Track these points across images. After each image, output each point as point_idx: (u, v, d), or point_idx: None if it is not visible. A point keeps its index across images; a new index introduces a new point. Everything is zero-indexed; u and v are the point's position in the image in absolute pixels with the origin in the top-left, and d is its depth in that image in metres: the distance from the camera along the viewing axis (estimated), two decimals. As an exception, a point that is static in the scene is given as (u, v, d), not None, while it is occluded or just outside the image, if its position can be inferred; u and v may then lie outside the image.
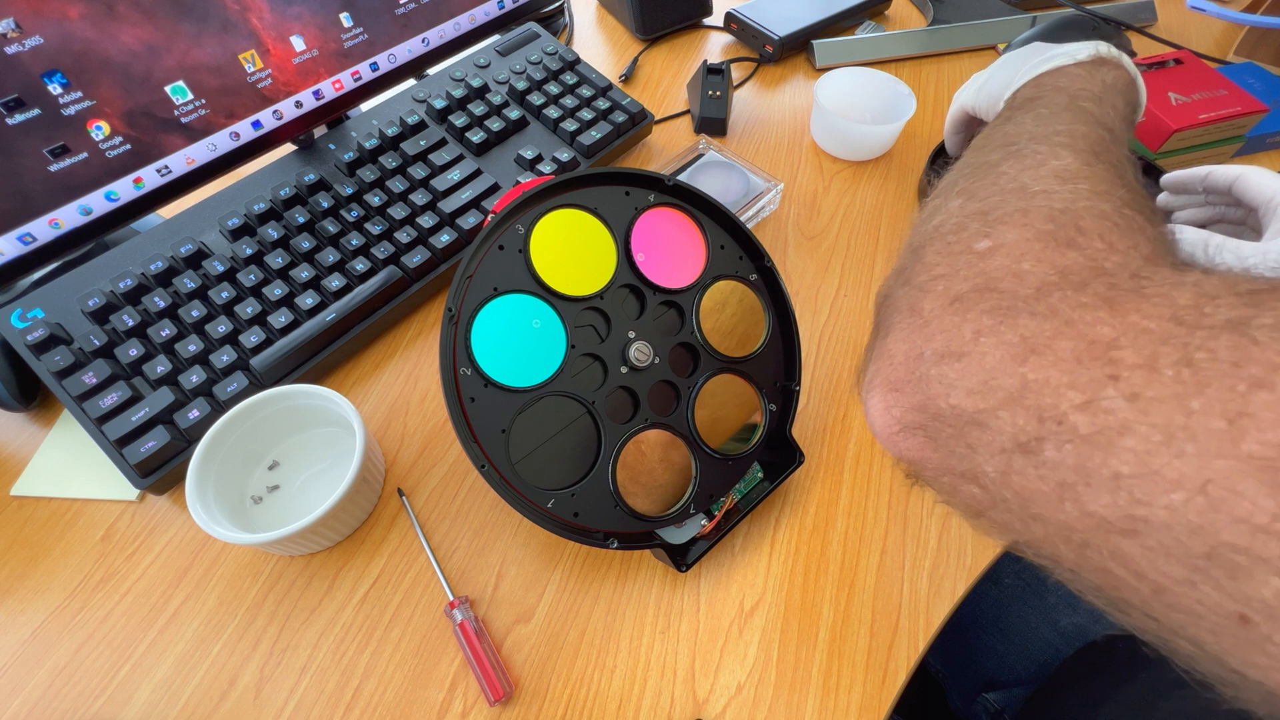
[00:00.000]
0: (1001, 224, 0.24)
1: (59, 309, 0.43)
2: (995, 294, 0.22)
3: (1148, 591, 0.17)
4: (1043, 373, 0.19)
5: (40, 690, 0.35)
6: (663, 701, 0.34)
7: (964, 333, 0.21)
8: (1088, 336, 0.19)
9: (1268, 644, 0.15)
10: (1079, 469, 0.18)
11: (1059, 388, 0.18)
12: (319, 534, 0.37)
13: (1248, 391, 0.15)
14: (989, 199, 0.25)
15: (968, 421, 0.21)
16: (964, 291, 0.22)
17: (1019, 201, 0.24)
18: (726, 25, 0.73)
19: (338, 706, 0.35)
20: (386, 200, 0.51)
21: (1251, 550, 0.15)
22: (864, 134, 0.58)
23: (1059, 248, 0.22)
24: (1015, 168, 0.26)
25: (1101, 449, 0.17)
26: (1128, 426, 0.17)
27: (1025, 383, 0.19)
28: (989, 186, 0.26)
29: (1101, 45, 0.36)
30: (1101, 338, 0.18)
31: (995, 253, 0.23)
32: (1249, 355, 0.15)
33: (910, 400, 0.23)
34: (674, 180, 0.40)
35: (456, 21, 0.57)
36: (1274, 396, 0.15)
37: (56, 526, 0.41)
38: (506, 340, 0.35)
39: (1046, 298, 0.20)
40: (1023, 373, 0.19)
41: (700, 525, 0.38)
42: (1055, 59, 0.36)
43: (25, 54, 0.38)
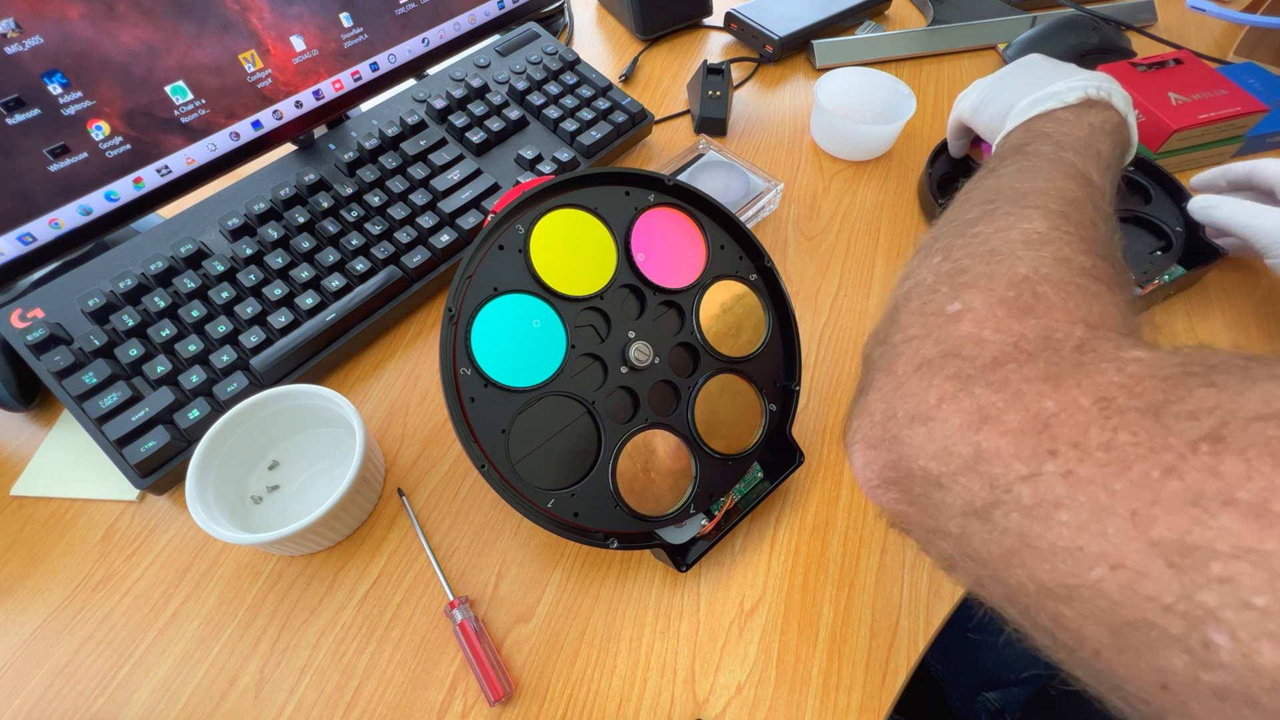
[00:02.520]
0: (970, 289, 0.25)
1: (59, 309, 0.43)
2: (958, 360, 0.23)
3: (1088, 653, 0.18)
4: (994, 442, 0.20)
5: (40, 690, 0.35)
6: (663, 701, 0.34)
7: (930, 397, 0.23)
8: (1033, 410, 0.20)
9: (1187, 712, 0.16)
10: (1023, 537, 0.19)
11: (1007, 459, 0.20)
12: (319, 534, 0.37)
13: (1160, 479, 0.17)
14: (961, 260, 0.27)
15: (932, 483, 0.22)
16: (932, 356, 0.24)
17: (987, 266, 0.26)
18: (726, 25, 0.73)
19: (338, 706, 0.35)
20: (386, 200, 0.51)
21: (1160, 626, 0.16)
22: (864, 134, 0.58)
23: (1018, 315, 0.23)
24: (989, 228, 0.28)
25: (1041, 521, 0.19)
26: (1061, 502, 0.18)
27: (979, 451, 0.21)
28: (963, 247, 0.28)
29: (1091, 86, 0.38)
30: (1045, 411, 0.20)
31: (962, 318, 0.24)
32: (1164, 442, 0.17)
33: (886, 458, 0.24)
34: (674, 180, 0.40)
35: (456, 21, 0.57)
36: (1182, 485, 0.16)
37: (56, 526, 0.41)
38: (506, 340, 0.35)
39: (1001, 368, 0.22)
40: (977, 441, 0.21)
41: (700, 525, 0.38)
42: (1046, 102, 0.38)
43: (25, 54, 0.38)
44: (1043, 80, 0.41)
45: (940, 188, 0.55)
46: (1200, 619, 0.15)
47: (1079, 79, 0.39)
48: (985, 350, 0.23)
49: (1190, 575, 0.15)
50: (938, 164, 0.56)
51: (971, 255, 0.27)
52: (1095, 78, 0.39)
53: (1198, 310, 0.48)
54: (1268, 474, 0.15)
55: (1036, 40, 0.66)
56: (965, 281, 0.26)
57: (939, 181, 0.55)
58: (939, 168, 0.56)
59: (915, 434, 0.23)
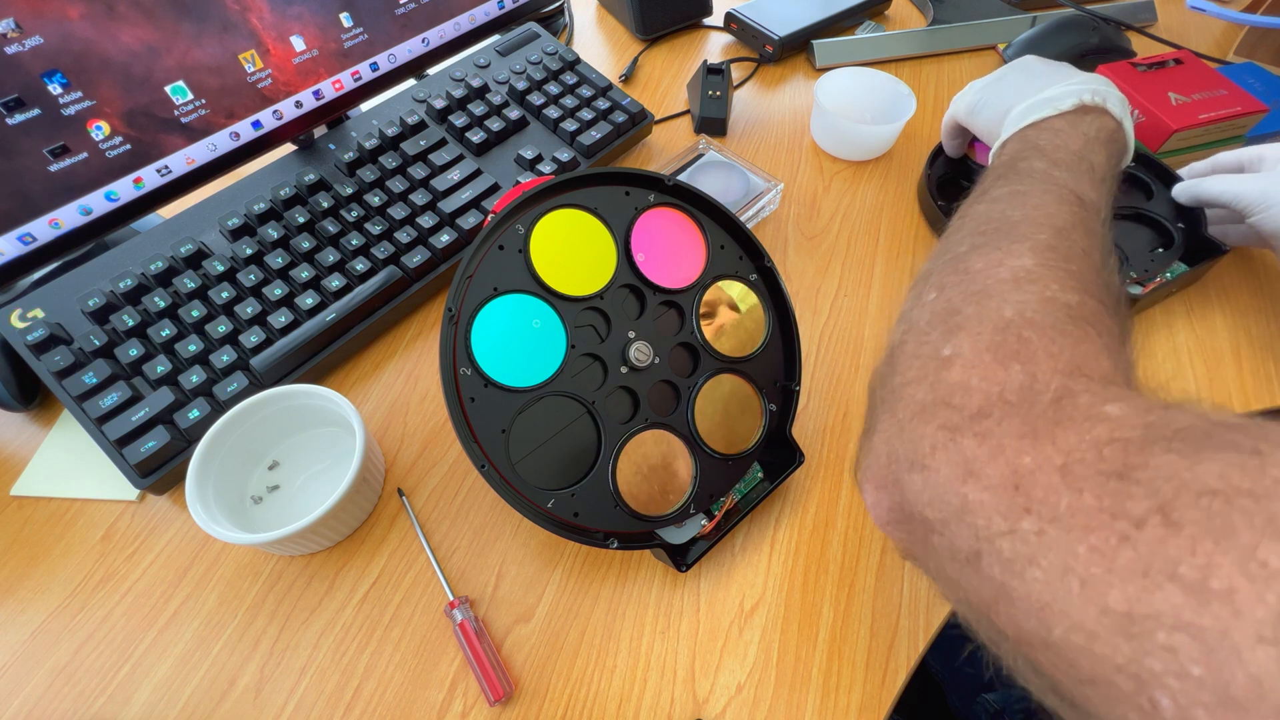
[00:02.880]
0: (959, 332, 0.26)
1: (59, 309, 0.43)
2: (948, 409, 0.24)
3: (1065, 698, 0.20)
4: (978, 495, 0.22)
5: (40, 690, 0.35)
6: (663, 701, 0.34)
7: (924, 445, 0.24)
8: (1012, 465, 0.21)
9: None
10: (1003, 588, 0.21)
11: (989, 513, 0.21)
12: (319, 534, 0.37)
13: (1116, 547, 0.18)
14: (953, 299, 0.28)
15: (930, 528, 0.23)
16: (927, 403, 0.25)
17: (976, 307, 0.27)
18: (726, 25, 0.73)
19: (338, 706, 0.35)
20: (386, 200, 0.51)
21: (1115, 684, 0.17)
22: (864, 134, 0.58)
23: (1003, 361, 0.24)
24: (979, 263, 0.29)
25: (1017, 576, 0.20)
26: (1034, 559, 0.20)
27: (966, 503, 0.22)
28: (955, 285, 0.29)
29: (1085, 91, 0.38)
30: (1022, 468, 0.21)
31: (953, 364, 0.25)
32: (1122, 509, 0.18)
33: (891, 499, 0.25)
34: (674, 180, 0.40)
35: (456, 21, 0.57)
36: (1134, 555, 0.17)
37: (56, 526, 0.41)
38: (506, 340, 0.35)
39: (985, 419, 0.23)
40: (964, 493, 0.22)
41: (700, 525, 0.38)
42: (1040, 109, 0.38)
43: (25, 54, 0.38)
44: (1038, 84, 0.40)
45: (940, 188, 0.55)
46: (1147, 681, 0.17)
47: (1073, 83, 0.39)
48: (972, 400, 0.24)
49: (1139, 642, 0.17)
50: (936, 164, 0.56)
51: (962, 294, 0.28)
52: (1090, 81, 0.39)
53: (1198, 309, 0.48)
54: (1208, 551, 0.16)
55: (1036, 40, 0.66)
56: (956, 324, 0.27)
57: (938, 183, 0.55)
58: (938, 169, 0.56)
59: (914, 480, 0.24)
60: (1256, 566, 0.16)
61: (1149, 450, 0.19)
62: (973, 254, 0.30)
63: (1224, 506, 0.17)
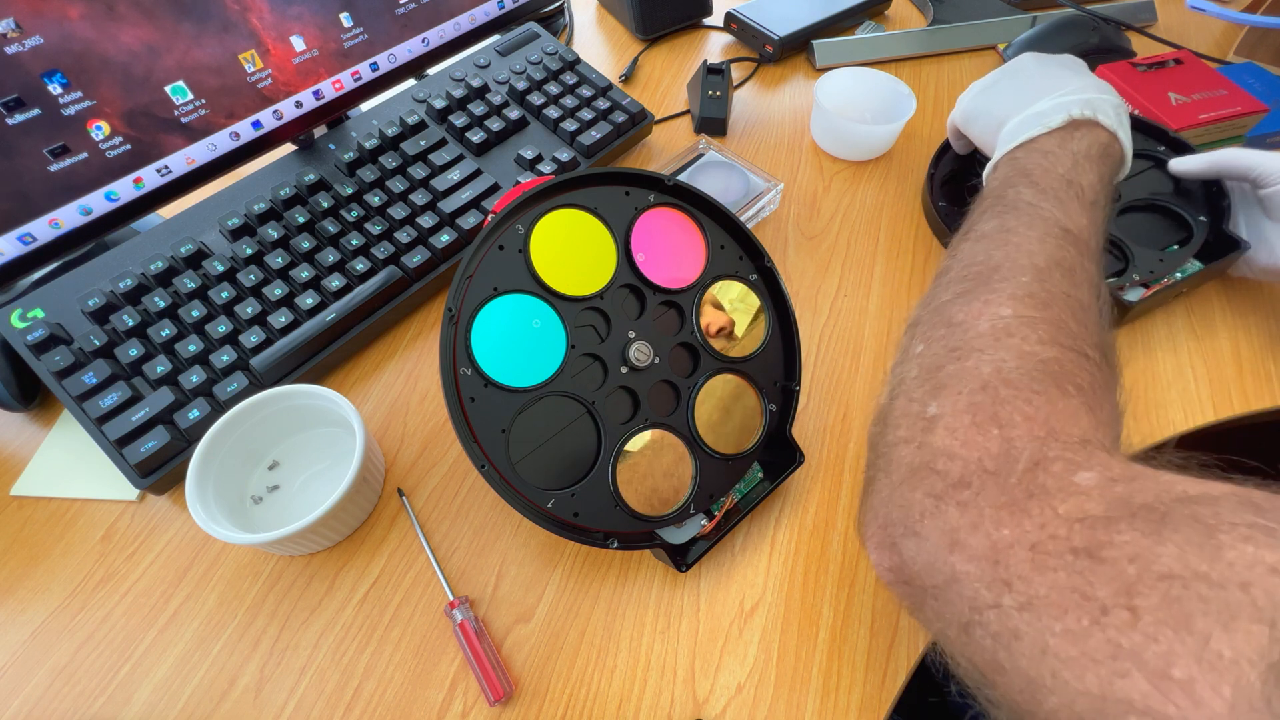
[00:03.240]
0: (942, 391, 0.27)
1: (59, 309, 0.43)
2: (933, 475, 0.25)
3: None
4: (965, 566, 0.22)
5: (40, 690, 0.35)
6: (663, 701, 0.34)
7: (914, 511, 0.25)
8: (992, 538, 0.22)
9: None
10: (995, 657, 0.21)
11: (976, 585, 0.22)
12: (319, 534, 0.37)
13: (1087, 629, 0.19)
14: (938, 353, 0.29)
15: (927, 593, 0.24)
16: (916, 465, 0.26)
17: (957, 364, 0.28)
18: (726, 25, 0.73)
19: (338, 706, 0.35)
20: (386, 200, 0.51)
21: None
22: (864, 134, 0.58)
23: (981, 425, 0.25)
24: (961, 314, 0.30)
25: (1005, 648, 0.21)
26: (1019, 634, 0.20)
27: (955, 573, 0.23)
28: (940, 339, 0.29)
29: (1075, 105, 0.38)
30: (1001, 541, 0.22)
31: (937, 425, 0.26)
32: (1092, 591, 0.19)
33: (891, 560, 0.26)
34: (674, 180, 0.40)
35: (456, 21, 0.57)
36: (1104, 638, 0.18)
37: (56, 526, 0.41)
38: (506, 340, 0.35)
39: (966, 488, 0.24)
40: (953, 563, 0.23)
41: (700, 525, 0.38)
42: (1029, 128, 0.38)
43: (25, 54, 0.38)
44: (1030, 93, 0.40)
45: (944, 188, 0.55)
46: None
47: (1064, 94, 0.39)
48: (954, 467, 0.24)
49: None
50: (942, 163, 0.56)
51: (945, 349, 0.29)
52: (1083, 89, 0.39)
53: (1198, 310, 0.48)
54: (1168, 639, 0.17)
55: (1036, 40, 0.66)
56: (939, 382, 0.27)
57: (943, 182, 0.55)
58: (943, 166, 0.56)
59: (909, 545, 0.25)
60: (1213, 657, 0.16)
61: (1114, 526, 0.20)
62: (956, 303, 0.30)
63: (1182, 592, 0.17)
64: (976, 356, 0.27)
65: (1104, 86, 0.40)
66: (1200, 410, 0.43)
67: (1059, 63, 0.43)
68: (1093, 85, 0.40)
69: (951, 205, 0.53)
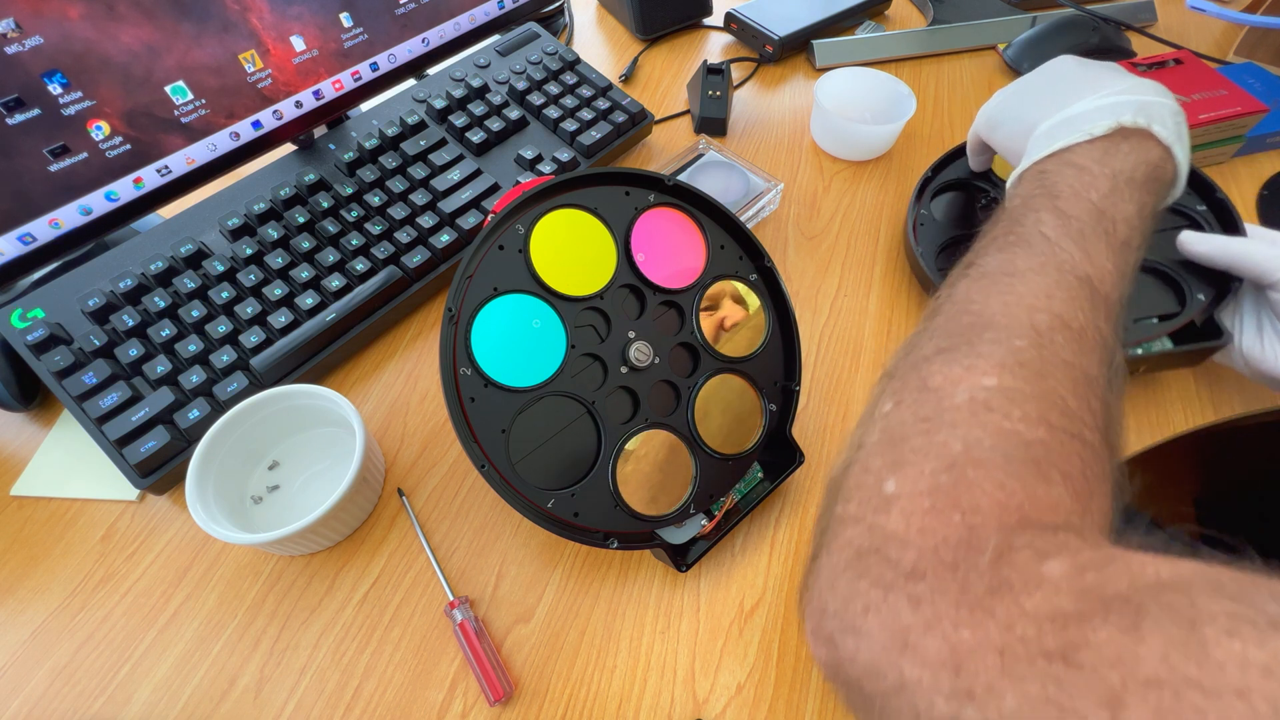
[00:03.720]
0: (904, 468, 0.23)
1: (59, 309, 0.43)
2: (883, 563, 0.22)
3: None
4: (916, 672, 0.20)
5: (40, 690, 0.35)
6: (663, 701, 0.34)
7: (856, 604, 0.22)
8: (950, 640, 0.19)
9: None
10: None
11: (930, 694, 0.19)
12: (319, 534, 0.37)
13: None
14: (905, 421, 0.25)
15: (868, 699, 0.21)
16: (863, 548, 0.23)
17: (924, 438, 0.24)
18: (726, 25, 0.73)
19: (338, 706, 0.35)
20: (386, 200, 0.51)
21: None
22: (864, 134, 0.58)
23: (943, 511, 0.22)
24: (939, 378, 0.25)
25: None
26: None
27: (903, 679, 0.20)
28: (910, 403, 0.25)
29: (1126, 108, 0.31)
30: (961, 645, 0.19)
31: (893, 506, 0.23)
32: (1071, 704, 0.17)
33: (828, 656, 0.23)
34: (674, 180, 0.40)
35: (456, 21, 0.57)
36: None
37: (56, 526, 0.41)
38: (506, 340, 0.35)
39: (920, 580, 0.21)
40: (900, 666, 0.20)
41: (700, 525, 0.38)
42: (1067, 133, 0.32)
43: (25, 54, 0.38)
44: (1068, 93, 0.34)
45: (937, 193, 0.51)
46: None
47: (1111, 94, 0.32)
48: (907, 555, 0.22)
49: None
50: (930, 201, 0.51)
51: (916, 417, 0.25)
52: (1135, 89, 0.32)
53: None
54: None
55: (1036, 40, 0.66)
56: (901, 457, 0.24)
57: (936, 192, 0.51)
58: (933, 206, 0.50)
59: (847, 643, 0.22)
60: None
61: (1089, 623, 0.18)
62: (936, 361, 0.26)
63: (1174, 703, 0.16)
64: (948, 432, 0.23)
65: (1159, 88, 0.33)
66: (1200, 411, 0.43)
67: (1101, 66, 0.37)
68: (1148, 85, 0.33)
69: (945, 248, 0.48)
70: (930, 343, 0.27)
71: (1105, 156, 0.31)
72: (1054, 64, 0.38)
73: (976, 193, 0.51)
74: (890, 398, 0.27)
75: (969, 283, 0.29)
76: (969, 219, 0.50)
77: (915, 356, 0.27)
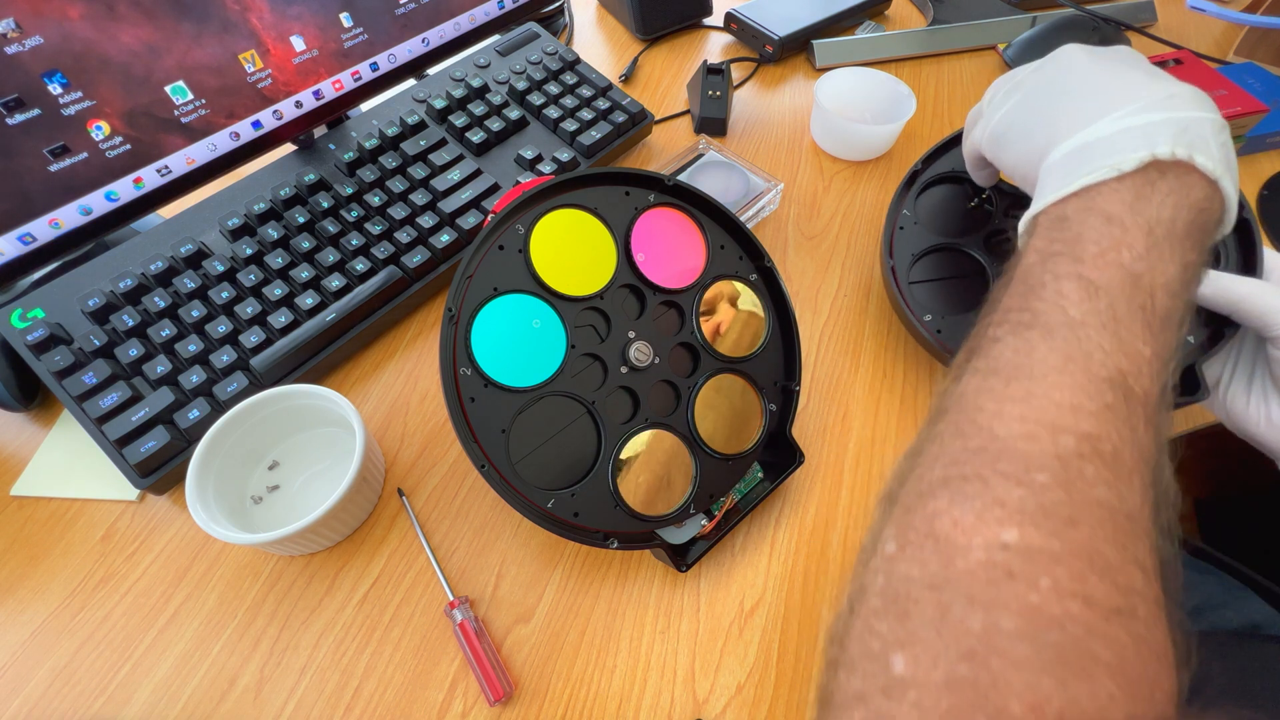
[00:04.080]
0: (914, 640, 0.19)
1: (59, 309, 0.43)
2: None
3: None
4: None
5: (40, 690, 0.35)
6: (663, 701, 0.34)
7: None
8: None
9: None
10: None
11: None
12: (319, 534, 0.37)
13: None
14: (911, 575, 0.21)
15: None
16: None
17: (935, 607, 0.19)
18: (726, 25, 0.73)
19: (338, 706, 0.35)
20: (386, 200, 0.51)
21: None
22: (864, 134, 0.58)
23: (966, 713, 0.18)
24: (946, 521, 0.21)
25: None
26: None
27: None
28: (915, 551, 0.21)
29: (1161, 140, 0.25)
30: None
31: (904, 693, 0.19)
32: None
33: None
34: (674, 180, 0.40)
35: (456, 21, 0.57)
36: None
37: (56, 526, 0.41)
38: (506, 340, 0.35)
39: None
40: None
41: (700, 525, 0.38)
42: (1090, 169, 0.26)
43: (25, 54, 0.38)
44: (1085, 106, 0.28)
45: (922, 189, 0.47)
46: None
47: (1141, 110, 0.26)
48: None
49: None
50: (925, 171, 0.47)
51: (923, 572, 0.20)
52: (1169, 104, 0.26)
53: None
54: None
55: (1037, 40, 0.66)
56: (910, 630, 0.20)
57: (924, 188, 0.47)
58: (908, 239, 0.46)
59: None
60: None
61: None
62: (943, 495, 0.22)
63: None
64: (963, 606, 0.19)
65: (1196, 95, 0.27)
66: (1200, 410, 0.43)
67: (1120, 58, 0.30)
68: (1185, 95, 0.27)
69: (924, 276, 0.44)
70: (936, 466, 0.23)
71: (1138, 202, 0.25)
72: (1062, 58, 0.32)
73: (971, 189, 0.46)
74: (893, 537, 0.22)
75: (979, 380, 0.24)
76: (959, 222, 0.46)
77: (920, 483, 0.23)
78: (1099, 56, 0.31)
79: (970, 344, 0.26)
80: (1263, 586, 0.42)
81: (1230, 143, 0.27)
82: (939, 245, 0.45)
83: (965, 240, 0.45)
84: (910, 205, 0.47)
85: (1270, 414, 0.34)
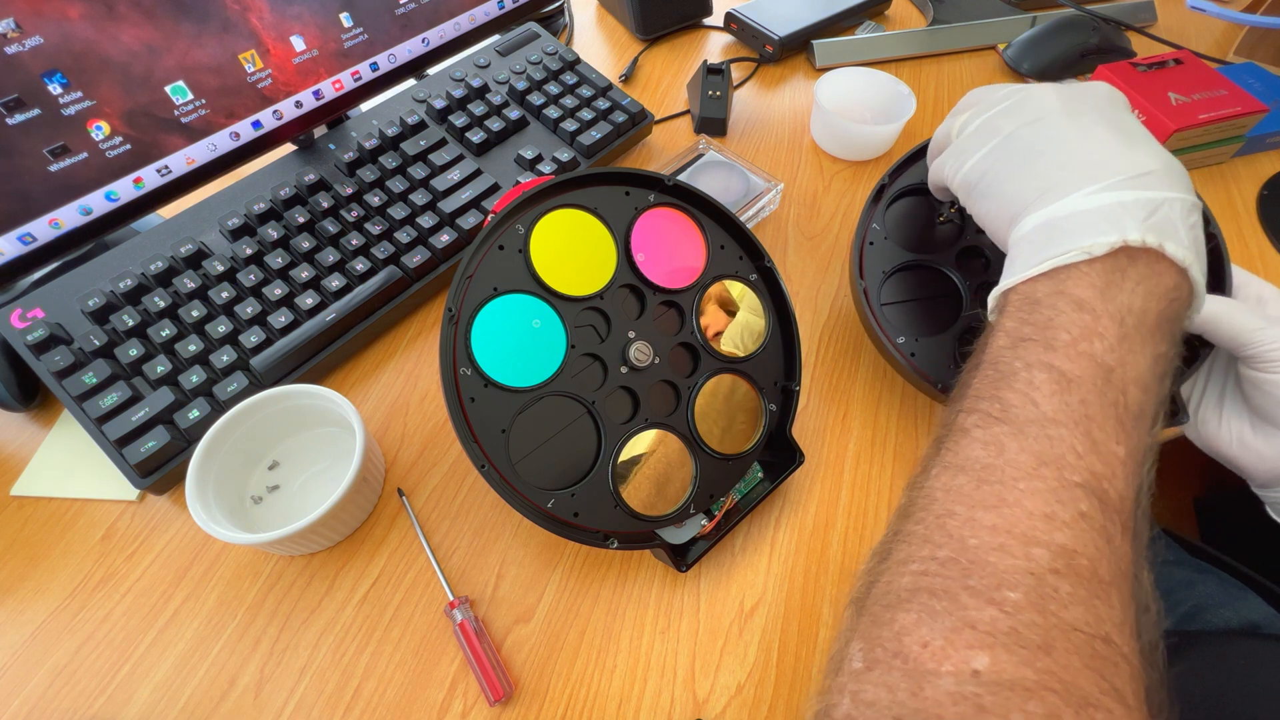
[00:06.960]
0: None
1: (59, 309, 0.43)
2: None
3: None
4: None
5: (40, 690, 0.35)
6: (663, 701, 0.34)
7: None
8: None
9: None
10: None
11: None
12: (319, 534, 0.37)
13: None
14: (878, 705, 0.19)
15: None
16: None
17: None
18: (726, 25, 0.73)
19: (338, 706, 0.35)
20: (386, 200, 0.51)
21: None
22: (864, 134, 0.58)
23: None
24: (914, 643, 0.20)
25: None
26: None
27: None
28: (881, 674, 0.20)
29: (1131, 225, 0.25)
30: None
31: None
32: None
33: None
34: (674, 180, 0.40)
35: (456, 21, 0.57)
36: None
37: (56, 526, 0.41)
38: (506, 340, 0.35)
39: None
40: None
41: (700, 525, 0.38)
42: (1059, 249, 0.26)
43: (25, 54, 0.38)
44: (1056, 173, 0.28)
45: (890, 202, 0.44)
46: None
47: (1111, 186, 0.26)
48: None
49: None
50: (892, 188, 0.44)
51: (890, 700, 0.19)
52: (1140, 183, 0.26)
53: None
54: None
55: (1036, 40, 0.66)
56: None
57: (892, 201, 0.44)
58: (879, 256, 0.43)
59: None
60: None
61: None
62: (911, 609, 0.21)
63: None
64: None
65: (1171, 172, 0.27)
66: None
67: (1097, 110, 0.29)
68: (1157, 172, 0.26)
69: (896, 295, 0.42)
70: (904, 574, 0.22)
71: (1109, 289, 0.25)
72: (1033, 105, 0.30)
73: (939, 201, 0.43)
74: (860, 652, 0.21)
75: (948, 477, 0.24)
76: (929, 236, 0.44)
77: (888, 592, 0.22)
78: (1075, 110, 0.29)
79: (940, 432, 0.26)
80: (1261, 585, 0.43)
81: (1200, 221, 0.27)
82: (910, 263, 0.43)
83: (937, 257, 0.42)
84: (880, 219, 0.44)
85: (1242, 434, 0.34)
